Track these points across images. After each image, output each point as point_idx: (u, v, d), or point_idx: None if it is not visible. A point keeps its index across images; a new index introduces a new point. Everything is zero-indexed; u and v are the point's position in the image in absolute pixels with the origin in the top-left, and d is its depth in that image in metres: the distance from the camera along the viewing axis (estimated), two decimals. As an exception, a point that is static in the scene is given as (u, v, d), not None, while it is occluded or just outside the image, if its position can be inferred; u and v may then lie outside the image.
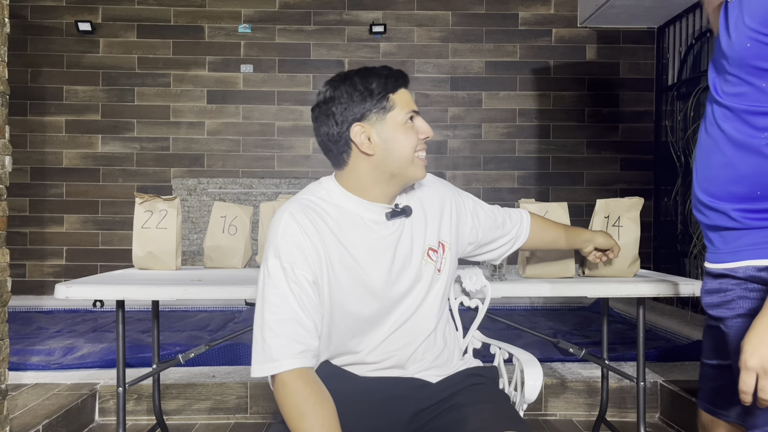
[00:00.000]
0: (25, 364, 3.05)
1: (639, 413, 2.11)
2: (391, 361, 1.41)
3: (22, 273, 5.16)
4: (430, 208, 1.48)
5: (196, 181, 5.21)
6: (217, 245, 2.28)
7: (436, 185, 1.54)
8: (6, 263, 2.11)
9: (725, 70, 1.28)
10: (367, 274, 1.34)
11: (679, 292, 1.90)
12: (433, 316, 1.44)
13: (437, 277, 1.45)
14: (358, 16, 5.35)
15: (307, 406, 1.18)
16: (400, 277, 1.39)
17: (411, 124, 1.37)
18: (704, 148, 1.28)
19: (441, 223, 1.49)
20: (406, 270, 1.40)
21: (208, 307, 4.81)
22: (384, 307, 1.38)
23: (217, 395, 2.84)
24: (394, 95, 1.36)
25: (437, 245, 1.47)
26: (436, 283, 1.45)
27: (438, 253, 1.46)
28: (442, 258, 1.47)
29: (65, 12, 5.25)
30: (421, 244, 1.44)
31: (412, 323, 1.41)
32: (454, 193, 1.56)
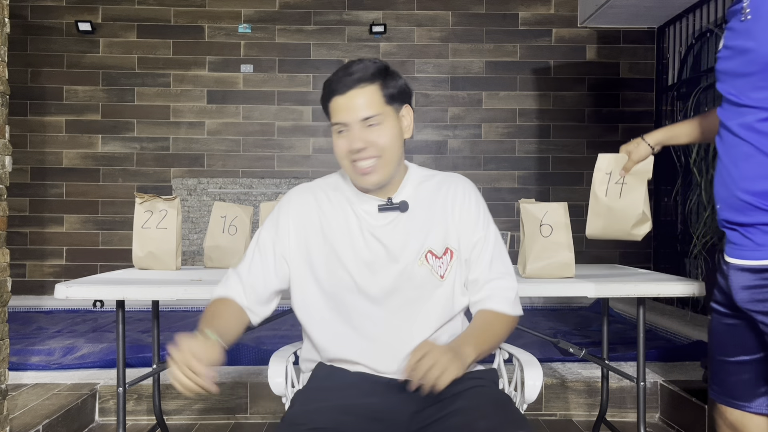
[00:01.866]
0: (25, 364, 3.05)
1: (639, 413, 2.11)
2: (386, 364, 1.40)
3: (22, 273, 5.16)
4: (444, 210, 1.44)
5: (196, 181, 5.21)
6: (217, 245, 2.28)
7: (465, 189, 1.47)
8: (6, 263, 2.11)
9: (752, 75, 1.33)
10: (340, 253, 1.41)
11: (679, 292, 1.90)
12: (431, 322, 1.41)
13: (439, 283, 1.42)
14: (358, 16, 5.35)
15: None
16: (383, 271, 1.40)
17: (340, 134, 1.38)
18: (741, 153, 1.36)
19: (451, 228, 1.44)
20: (392, 266, 1.40)
21: (208, 307, 4.80)
22: (368, 300, 1.40)
23: (217, 395, 2.84)
24: (330, 103, 1.38)
25: (442, 250, 1.43)
26: (438, 289, 1.42)
27: (441, 259, 1.42)
28: (448, 264, 1.43)
29: (65, 12, 5.25)
30: (417, 244, 1.41)
31: (406, 326, 1.40)
32: (479, 210, 1.47)
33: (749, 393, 1.47)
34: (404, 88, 1.42)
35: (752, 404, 1.47)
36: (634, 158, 1.86)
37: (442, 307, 1.43)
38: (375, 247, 1.41)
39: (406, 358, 1.36)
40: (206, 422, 2.82)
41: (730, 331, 1.48)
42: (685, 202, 4.49)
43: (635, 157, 1.86)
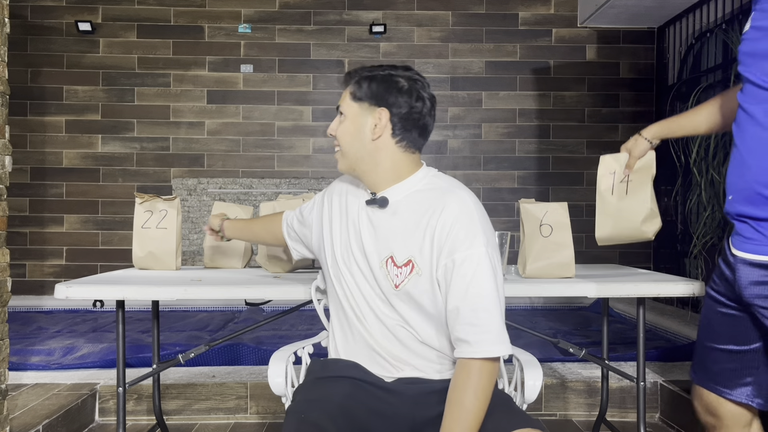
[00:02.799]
0: (25, 364, 3.05)
1: (639, 413, 2.11)
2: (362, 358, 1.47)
3: (22, 273, 5.16)
4: (420, 222, 1.39)
5: (196, 181, 5.21)
6: (217, 245, 2.28)
7: (452, 208, 1.37)
8: (6, 263, 2.11)
9: None
10: (331, 238, 1.53)
11: (679, 292, 1.90)
12: (391, 325, 1.42)
13: (393, 291, 1.40)
14: (358, 16, 5.35)
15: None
16: (355, 262, 1.47)
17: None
18: (764, 142, 1.31)
19: (421, 242, 1.38)
20: (362, 260, 1.45)
21: (208, 307, 4.81)
22: (347, 291, 1.48)
23: (217, 395, 2.84)
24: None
25: (403, 260, 1.39)
26: (394, 297, 1.41)
27: (400, 269, 1.39)
28: (406, 277, 1.38)
29: (65, 12, 5.25)
30: (384, 246, 1.43)
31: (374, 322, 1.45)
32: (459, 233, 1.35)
33: (732, 381, 1.48)
34: (377, 91, 1.44)
35: (733, 392, 1.48)
36: (635, 154, 1.86)
37: (400, 314, 1.42)
38: (355, 241, 1.47)
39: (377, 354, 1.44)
40: (206, 422, 2.82)
41: (725, 320, 1.47)
42: (685, 202, 4.49)
43: (636, 153, 1.86)
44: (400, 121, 1.42)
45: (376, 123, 1.43)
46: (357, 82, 1.46)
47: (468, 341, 1.30)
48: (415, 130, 1.44)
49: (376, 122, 1.43)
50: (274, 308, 4.26)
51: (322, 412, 1.30)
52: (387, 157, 1.44)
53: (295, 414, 1.32)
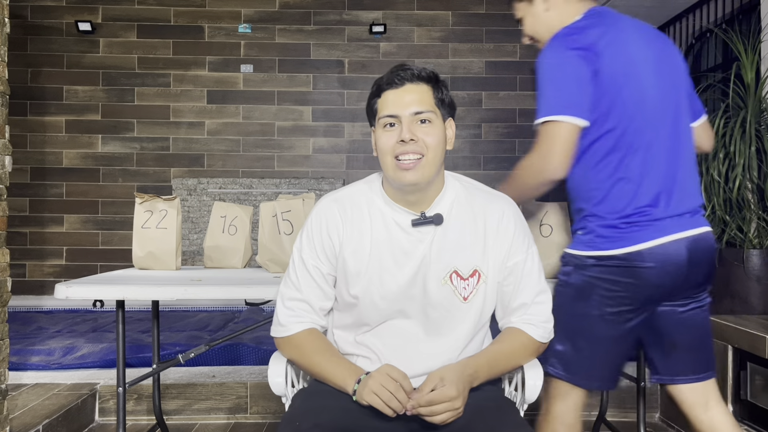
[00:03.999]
0: (25, 364, 3.04)
1: (639, 413, 2.11)
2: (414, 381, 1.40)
3: (22, 273, 5.16)
4: (477, 231, 1.39)
5: (196, 181, 5.21)
6: (217, 245, 2.28)
7: (504, 211, 1.41)
8: (6, 263, 2.11)
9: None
10: (373, 269, 1.38)
11: (679, 292, 1.90)
12: (451, 344, 1.39)
13: (461, 305, 1.37)
14: (358, 16, 5.35)
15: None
16: (410, 288, 1.37)
17: (390, 129, 1.35)
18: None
19: (483, 250, 1.39)
20: (417, 282, 1.37)
21: (208, 307, 4.81)
22: (392, 312, 1.39)
23: (217, 395, 2.84)
24: (380, 99, 1.37)
25: (469, 272, 1.37)
26: (460, 311, 1.38)
27: (467, 281, 1.37)
28: (474, 287, 1.38)
29: (65, 12, 5.25)
30: (443, 262, 1.37)
31: (425, 344, 1.39)
32: (516, 233, 1.42)
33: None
34: (452, 101, 1.44)
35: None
36: None
37: (462, 330, 1.39)
38: (402, 261, 1.38)
39: (419, 376, 1.36)
40: (206, 422, 2.82)
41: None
42: (685, 202, 4.49)
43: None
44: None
45: (451, 134, 1.43)
46: (439, 85, 1.38)
47: (535, 325, 1.41)
48: None
49: (451, 133, 1.43)
50: (274, 308, 4.25)
51: (316, 422, 1.28)
52: (443, 166, 1.42)
53: (290, 422, 1.30)
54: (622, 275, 1.50)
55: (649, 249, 1.48)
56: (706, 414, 1.62)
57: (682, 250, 1.50)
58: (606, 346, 1.55)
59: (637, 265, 1.49)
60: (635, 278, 1.49)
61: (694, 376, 1.63)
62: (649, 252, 1.48)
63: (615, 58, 1.54)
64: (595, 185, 1.54)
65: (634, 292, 1.50)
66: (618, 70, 1.52)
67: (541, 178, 1.54)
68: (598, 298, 1.52)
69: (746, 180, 2.91)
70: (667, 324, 1.59)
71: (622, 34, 1.63)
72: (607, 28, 1.62)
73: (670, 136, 1.55)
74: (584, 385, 1.58)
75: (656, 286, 1.51)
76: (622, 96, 1.51)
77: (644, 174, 1.51)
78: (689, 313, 1.60)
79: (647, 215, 1.50)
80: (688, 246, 1.51)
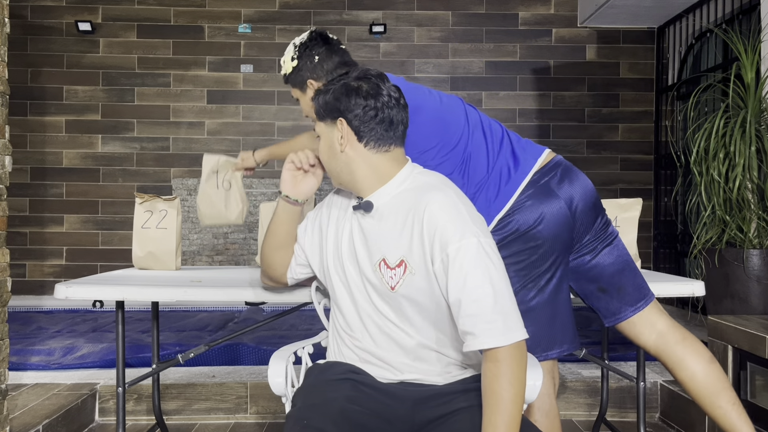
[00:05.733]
0: (25, 364, 3.04)
1: (639, 413, 2.11)
2: (364, 363, 1.46)
3: (22, 273, 5.16)
4: (405, 221, 1.38)
5: (196, 181, 5.21)
6: (212, 201, 2.29)
7: (435, 202, 1.35)
8: (6, 263, 2.11)
9: None
10: (325, 246, 1.53)
11: (679, 292, 1.90)
12: (392, 328, 1.41)
13: (390, 293, 1.39)
14: (358, 16, 5.35)
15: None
16: (344, 270, 1.47)
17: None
18: None
19: (410, 241, 1.36)
20: (354, 267, 1.45)
21: (208, 307, 4.81)
22: (347, 297, 1.48)
23: (217, 395, 2.84)
24: None
25: (396, 261, 1.38)
26: (391, 299, 1.40)
27: (394, 270, 1.38)
28: (401, 277, 1.37)
29: (65, 12, 5.25)
30: (375, 250, 1.41)
31: (374, 327, 1.44)
32: (447, 225, 1.33)
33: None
34: (328, 104, 1.47)
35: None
36: (240, 166, 2.38)
37: (399, 316, 1.40)
38: (347, 248, 1.47)
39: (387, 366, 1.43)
40: (206, 422, 2.82)
41: None
42: (686, 202, 4.49)
43: (242, 166, 2.38)
44: (360, 124, 1.40)
45: (340, 134, 1.43)
46: (315, 101, 1.48)
47: (473, 333, 1.27)
48: (379, 126, 1.40)
49: (340, 134, 1.43)
50: (274, 308, 4.26)
51: (324, 417, 1.30)
52: (361, 164, 1.42)
53: (297, 420, 1.31)
54: (522, 243, 1.61)
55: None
56: (654, 331, 1.72)
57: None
58: (545, 310, 1.62)
59: (529, 226, 1.60)
60: (534, 240, 1.60)
61: (632, 308, 1.72)
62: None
63: None
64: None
65: (538, 253, 1.60)
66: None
67: None
68: (515, 274, 1.58)
69: (746, 180, 2.91)
70: (586, 275, 1.71)
71: None
72: None
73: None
74: (552, 355, 1.63)
75: (553, 238, 1.61)
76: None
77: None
78: (598, 259, 1.70)
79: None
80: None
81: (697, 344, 1.72)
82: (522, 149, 1.69)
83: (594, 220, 1.68)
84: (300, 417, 1.31)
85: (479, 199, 1.65)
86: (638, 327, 1.73)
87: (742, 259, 2.86)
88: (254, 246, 5.19)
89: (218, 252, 5.21)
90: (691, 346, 1.70)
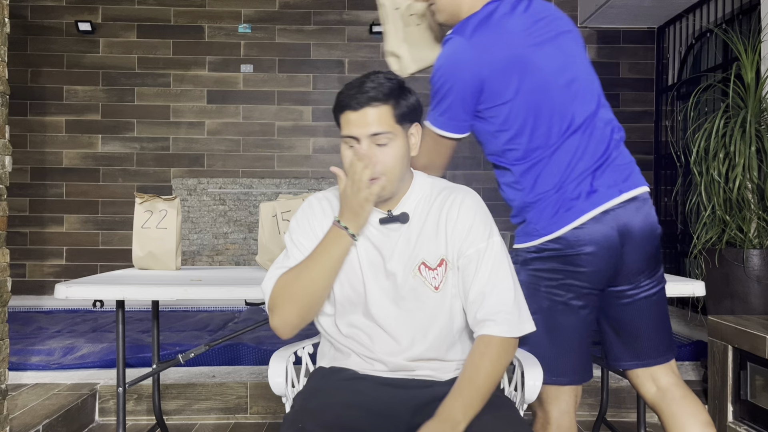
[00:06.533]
0: (25, 364, 3.05)
1: (639, 413, 2.11)
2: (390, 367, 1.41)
3: (22, 273, 5.16)
4: (438, 222, 1.42)
5: (196, 181, 5.21)
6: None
7: (463, 201, 1.43)
8: (6, 263, 2.11)
9: None
10: (350, 266, 1.42)
11: (679, 292, 1.90)
12: (427, 333, 1.40)
13: (433, 294, 1.40)
14: (358, 16, 5.35)
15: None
16: (380, 282, 1.41)
17: (349, 148, 1.38)
18: None
19: (445, 239, 1.42)
20: (388, 277, 1.41)
21: (208, 307, 4.81)
22: (365, 310, 1.41)
23: (217, 395, 2.84)
24: (342, 116, 1.39)
25: (436, 261, 1.41)
26: (432, 300, 1.40)
27: (435, 270, 1.40)
28: (443, 276, 1.41)
29: (65, 12, 5.25)
30: (411, 255, 1.40)
31: (402, 336, 1.40)
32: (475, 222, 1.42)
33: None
34: (416, 105, 1.43)
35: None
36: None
37: (437, 318, 1.41)
38: (374, 259, 1.42)
39: (403, 367, 1.40)
40: (206, 422, 2.82)
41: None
42: (686, 202, 4.49)
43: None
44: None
45: (416, 140, 1.43)
46: (400, 99, 1.38)
47: (495, 320, 1.34)
48: None
49: (416, 139, 1.43)
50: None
51: (319, 422, 1.29)
52: (406, 172, 1.44)
53: (292, 423, 1.31)
54: (561, 263, 1.51)
55: (581, 227, 1.49)
56: (654, 385, 1.63)
57: (613, 231, 1.51)
58: (563, 338, 1.55)
59: (574, 251, 1.50)
60: (573, 265, 1.50)
61: (638, 362, 1.64)
62: (582, 231, 1.49)
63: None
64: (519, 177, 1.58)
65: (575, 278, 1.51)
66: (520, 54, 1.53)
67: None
68: (545, 292, 1.53)
69: (746, 180, 2.91)
70: (611, 311, 1.61)
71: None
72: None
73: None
74: (555, 381, 1.57)
75: (593, 272, 1.51)
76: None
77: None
78: (632, 301, 1.59)
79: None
80: (619, 226, 1.51)
81: (697, 405, 1.61)
82: (610, 175, 1.56)
83: (644, 270, 1.57)
84: (295, 420, 1.31)
85: (531, 212, 1.56)
86: (640, 378, 1.66)
87: (742, 259, 2.86)
88: (254, 246, 5.19)
89: (218, 252, 5.22)
90: (689, 406, 1.60)
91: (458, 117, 1.56)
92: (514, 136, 1.54)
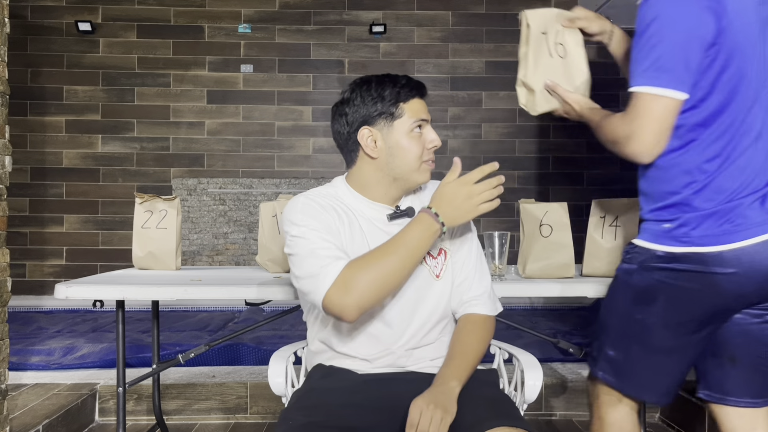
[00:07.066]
0: (25, 364, 3.05)
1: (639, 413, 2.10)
2: (387, 360, 1.43)
3: (22, 273, 5.16)
4: None
5: (196, 181, 5.21)
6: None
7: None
8: (6, 263, 2.11)
9: None
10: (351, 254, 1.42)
11: (679, 292, 1.89)
12: (427, 320, 1.45)
13: (434, 282, 1.46)
14: (358, 16, 5.35)
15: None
16: None
17: (418, 133, 1.42)
18: None
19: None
20: None
21: (208, 307, 4.81)
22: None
23: (217, 395, 2.84)
24: (405, 104, 1.42)
25: (436, 251, 1.48)
26: (433, 288, 1.46)
27: (436, 259, 1.47)
28: (443, 264, 1.48)
29: (65, 12, 5.25)
30: None
31: (405, 324, 1.43)
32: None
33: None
34: None
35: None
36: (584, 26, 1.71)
37: (437, 306, 1.46)
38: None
39: (403, 353, 1.43)
40: (206, 422, 2.82)
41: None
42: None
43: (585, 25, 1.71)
44: None
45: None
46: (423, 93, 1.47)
47: (480, 301, 1.49)
48: None
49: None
50: (274, 308, 4.26)
51: (309, 419, 1.30)
52: None
53: (284, 420, 1.33)
54: (694, 281, 1.31)
55: (735, 251, 1.27)
56: None
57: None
58: (663, 356, 1.38)
59: (715, 270, 1.29)
60: (711, 286, 1.30)
61: (750, 400, 1.42)
62: (733, 254, 1.27)
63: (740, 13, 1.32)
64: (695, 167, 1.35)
65: (707, 301, 1.32)
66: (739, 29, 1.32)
67: (619, 151, 1.42)
68: (663, 305, 1.34)
69: None
70: (731, 333, 1.39)
71: None
72: None
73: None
74: (635, 395, 1.47)
75: (736, 296, 1.31)
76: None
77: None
78: (762, 326, 1.38)
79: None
80: None
81: None
82: None
83: None
84: (287, 417, 1.34)
85: (705, 222, 1.32)
86: (736, 422, 1.43)
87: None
88: (254, 246, 5.19)
89: (218, 252, 5.22)
90: None
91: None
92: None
